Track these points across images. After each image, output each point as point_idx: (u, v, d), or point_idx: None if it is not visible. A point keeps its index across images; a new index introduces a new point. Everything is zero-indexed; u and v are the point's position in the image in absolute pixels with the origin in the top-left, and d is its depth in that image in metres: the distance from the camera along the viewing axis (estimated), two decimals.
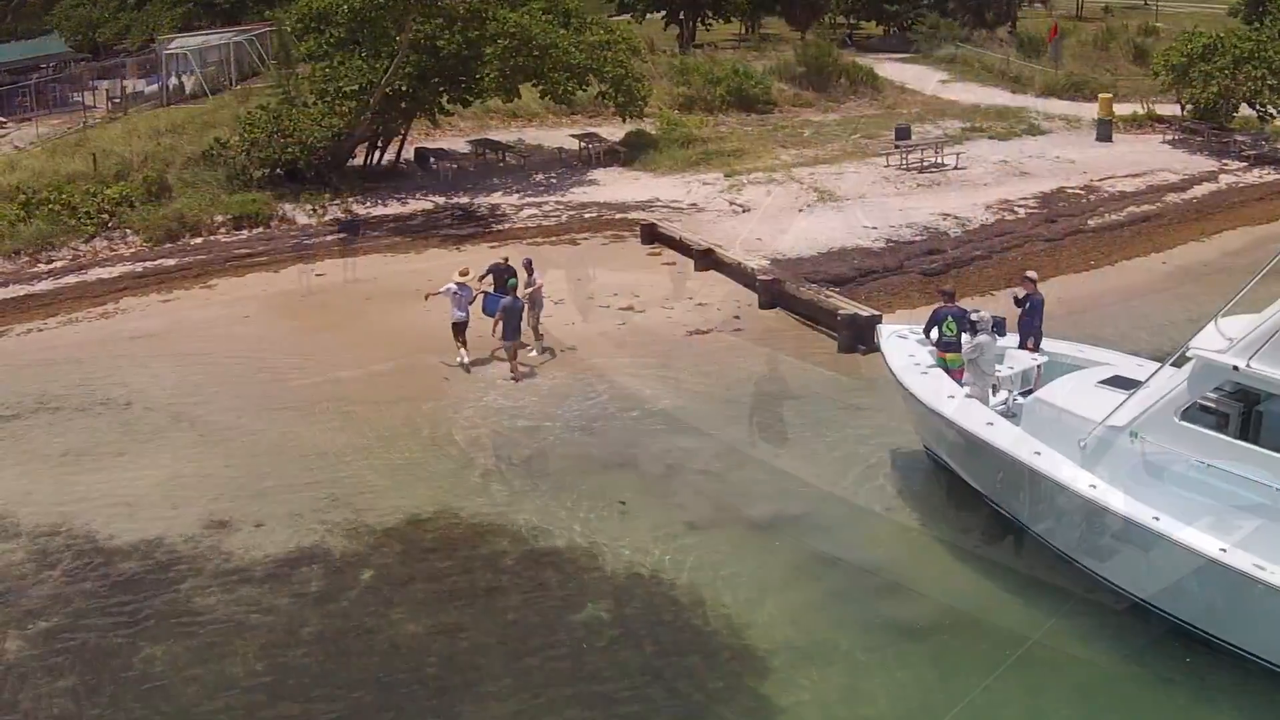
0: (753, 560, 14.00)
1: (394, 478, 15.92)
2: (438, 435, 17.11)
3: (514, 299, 18.79)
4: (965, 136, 32.90)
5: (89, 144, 30.20)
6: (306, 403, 18.21)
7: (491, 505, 15.22)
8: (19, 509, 15.49)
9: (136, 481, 16.03)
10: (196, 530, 14.74)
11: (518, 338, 18.86)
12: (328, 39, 26.12)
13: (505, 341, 18.80)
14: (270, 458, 16.58)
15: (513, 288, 19.03)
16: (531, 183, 28.51)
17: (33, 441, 17.50)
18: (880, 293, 22.50)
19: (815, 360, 19.86)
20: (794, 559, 14.16)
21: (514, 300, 18.77)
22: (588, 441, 16.92)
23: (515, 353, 18.95)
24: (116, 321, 22.19)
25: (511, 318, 18.68)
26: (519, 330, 18.85)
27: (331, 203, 26.58)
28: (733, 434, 17.14)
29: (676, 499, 15.40)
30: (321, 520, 14.88)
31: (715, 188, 27.68)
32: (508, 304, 18.72)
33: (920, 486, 15.99)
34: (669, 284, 22.73)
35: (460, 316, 19.00)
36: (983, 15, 46.40)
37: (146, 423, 17.85)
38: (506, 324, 18.64)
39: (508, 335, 18.74)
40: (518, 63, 26.30)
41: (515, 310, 18.74)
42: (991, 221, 26.66)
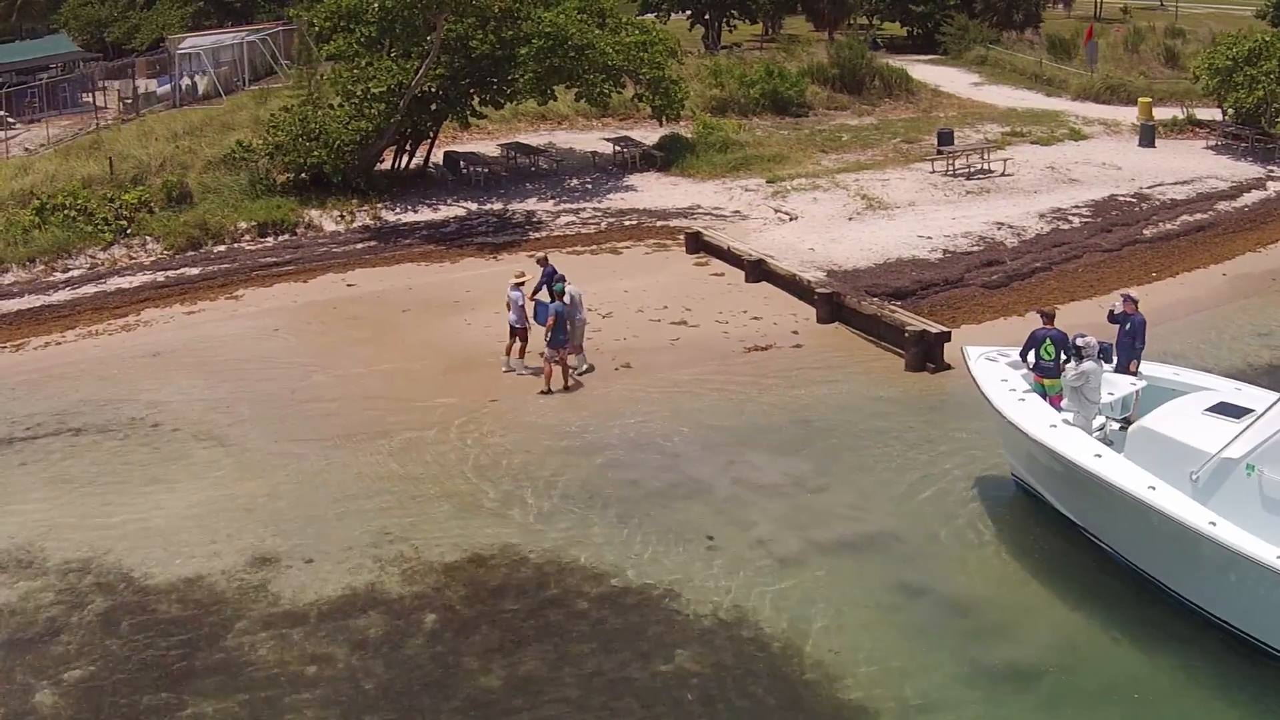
0: (842, 597, 12.96)
1: (448, 508, 14.80)
2: (491, 460, 16.00)
3: (561, 304, 17.68)
4: (1006, 141, 31.89)
5: (103, 147, 29.12)
6: (346, 424, 17.11)
7: (558, 538, 14.12)
8: (45, 542, 14.35)
9: (170, 512, 14.91)
10: (240, 567, 13.63)
11: (565, 346, 17.75)
12: (357, 38, 25.06)
13: (549, 349, 17.65)
14: (313, 485, 15.47)
15: (559, 292, 17.91)
16: (566, 188, 27.44)
17: (55, 466, 16.39)
18: (942, 306, 21.45)
19: (882, 379, 18.80)
20: (885, 596, 13.13)
21: (561, 305, 17.65)
22: (652, 466, 15.86)
23: (564, 362, 17.83)
24: (139, 335, 21.07)
25: (560, 323, 17.56)
26: (566, 339, 17.74)
27: (360, 209, 25.45)
28: (805, 458, 16.12)
29: (756, 530, 14.33)
30: (376, 557, 13.76)
31: (758, 194, 26.63)
32: (556, 308, 17.60)
33: (1009, 515, 14.99)
34: (720, 296, 21.66)
35: (513, 320, 18.02)
36: (1011, 16, 45.44)
37: (176, 446, 16.74)
38: (555, 329, 17.52)
39: (554, 342, 17.61)
40: (553, 64, 25.23)
41: (564, 316, 17.63)
42: (1047, 231, 25.66)
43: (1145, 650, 12.13)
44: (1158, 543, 13.04)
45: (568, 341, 17.73)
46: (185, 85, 38.21)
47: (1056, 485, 14.67)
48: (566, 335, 17.65)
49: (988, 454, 16.16)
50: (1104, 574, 13.54)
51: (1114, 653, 12.22)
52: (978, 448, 16.38)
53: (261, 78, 41.18)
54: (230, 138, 28.76)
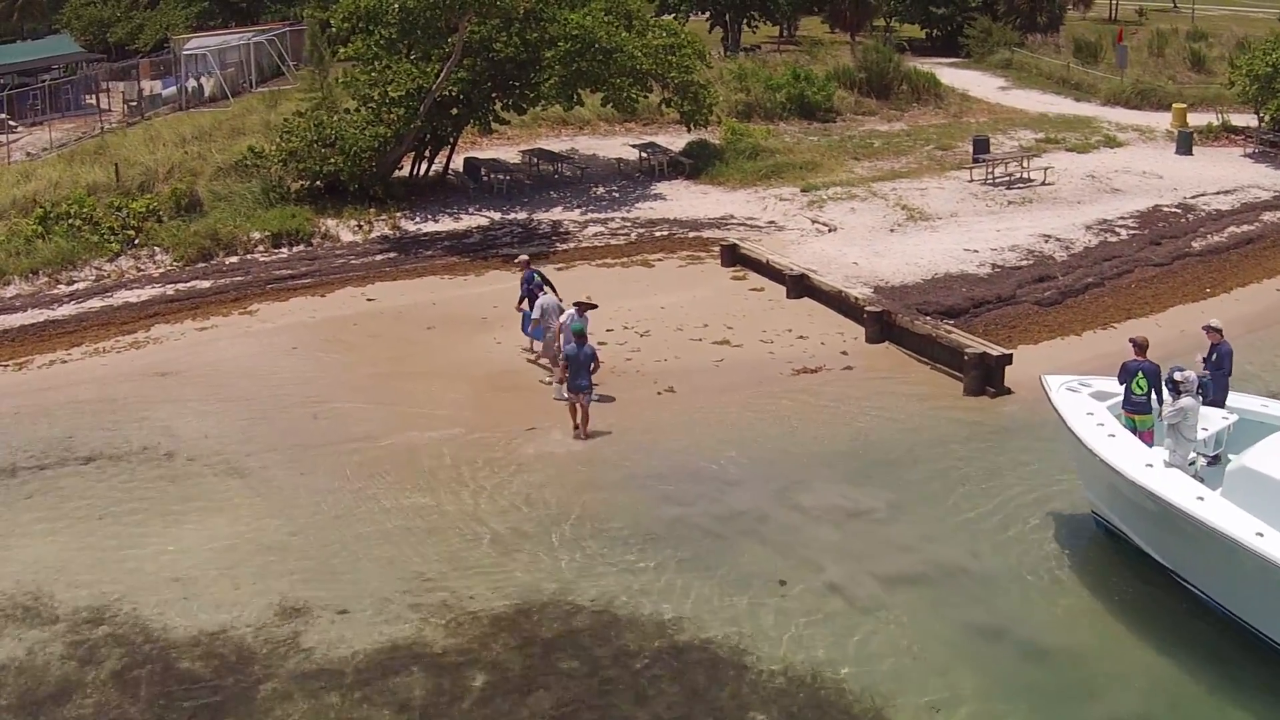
0: (923, 647, 11.95)
1: (491, 550, 13.69)
2: (532, 495, 14.89)
3: (573, 346, 15.89)
4: (1042, 149, 30.88)
5: (109, 152, 28.01)
6: (373, 454, 15.99)
7: (612, 584, 13.02)
8: (53, 586, 13.22)
9: (189, 553, 13.78)
10: (267, 618, 12.50)
11: (586, 391, 15.95)
12: (376, 40, 23.96)
13: (569, 393, 16.05)
14: (342, 523, 14.34)
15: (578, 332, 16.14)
16: (592, 197, 26.35)
17: (63, 499, 15.24)
18: (996, 326, 20.35)
19: (941, 404, 17.72)
20: (968, 646, 12.12)
21: (573, 348, 15.86)
22: (706, 500, 14.79)
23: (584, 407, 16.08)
24: (149, 353, 19.90)
25: (575, 367, 15.81)
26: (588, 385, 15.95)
27: (378, 218, 24.33)
28: (868, 489, 15.09)
29: (825, 571, 13.27)
30: (415, 606, 12.64)
31: (793, 204, 25.56)
32: (569, 351, 15.96)
33: (1089, 554, 13.98)
34: (762, 313, 20.58)
35: (570, 350, 16.63)
36: (1034, 19, 44.44)
37: (193, 478, 15.60)
38: (572, 374, 15.87)
39: (572, 386, 15.96)
40: (580, 67, 24.16)
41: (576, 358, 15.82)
42: (1095, 244, 24.61)
43: (1251, 709, 11.13)
44: (1264, 592, 12.05)
45: (590, 387, 16.09)
46: (191, 87, 37.16)
47: (1148, 527, 13.60)
48: (589, 381, 16.02)
49: (1061, 487, 15.15)
50: (1199, 621, 12.50)
51: (1217, 713, 11.25)
52: (1050, 480, 15.38)
53: (268, 79, 40.14)
54: (240, 143, 27.67)
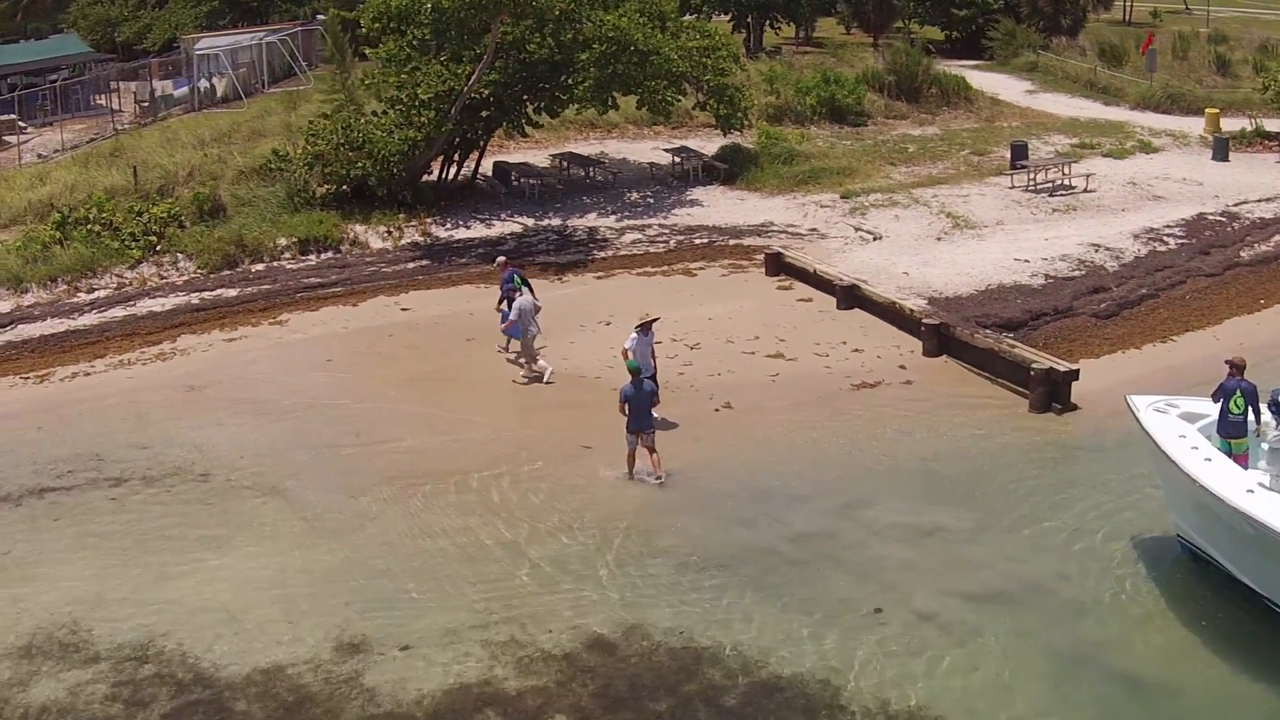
0: (1018, 679, 11.35)
1: (556, 581, 12.92)
2: (596, 519, 14.11)
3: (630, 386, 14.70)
4: (1078, 154, 30.26)
5: (125, 154, 27.17)
6: (423, 475, 15.19)
7: (690, 616, 12.27)
8: (92, 619, 12.43)
9: (235, 582, 13.00)
10: (326, 654, 11.72)
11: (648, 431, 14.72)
12: (408, 40, 23.20)
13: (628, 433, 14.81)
14: (396, 550, 13.56)
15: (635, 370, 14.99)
16: (626, 202, 25.57)
17: (96, 523, 14.46)
18: (1056, 339, 19.61)
19: (1006, 420, 17.01)
20: (1064, 676, 11.56)
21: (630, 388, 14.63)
22: (778, 522, 14.10)
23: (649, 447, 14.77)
24: (176, 365, 19.10)
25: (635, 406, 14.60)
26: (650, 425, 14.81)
27: (408, 224, 23.49)
28: (941, 509, 14.46)
29: (911, 600, 12.58)
30: (483, 642, 11.87)
31: (834, 211, 24.83)
32: (626, 391, 14.72)
33: (1176, 579, 13.37)
34: (813, 325, 19.83)
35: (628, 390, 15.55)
36: (1058, 22, 43.86)
37: (233, 501, 14.82)
38: (632, 415, 14.65)
39: (631, 426, 14.78)
40: (616, 70, 23.46)
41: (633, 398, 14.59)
42: (1144, 253, 23.93)
43: None
44: None
45: (651, 427, 14.89)
46: (203, 88, 36.36)
47: (1245, 553, 12.93)
48: (652, 421, 14.85)
49: (1140, 508, 14.54)
50: None
51: None
52: (1127, 501, 14.76)
53: (280, 80, 39.36)
54: (261, 145, 26.85)
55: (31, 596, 12.93)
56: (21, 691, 11.48)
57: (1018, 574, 13.24)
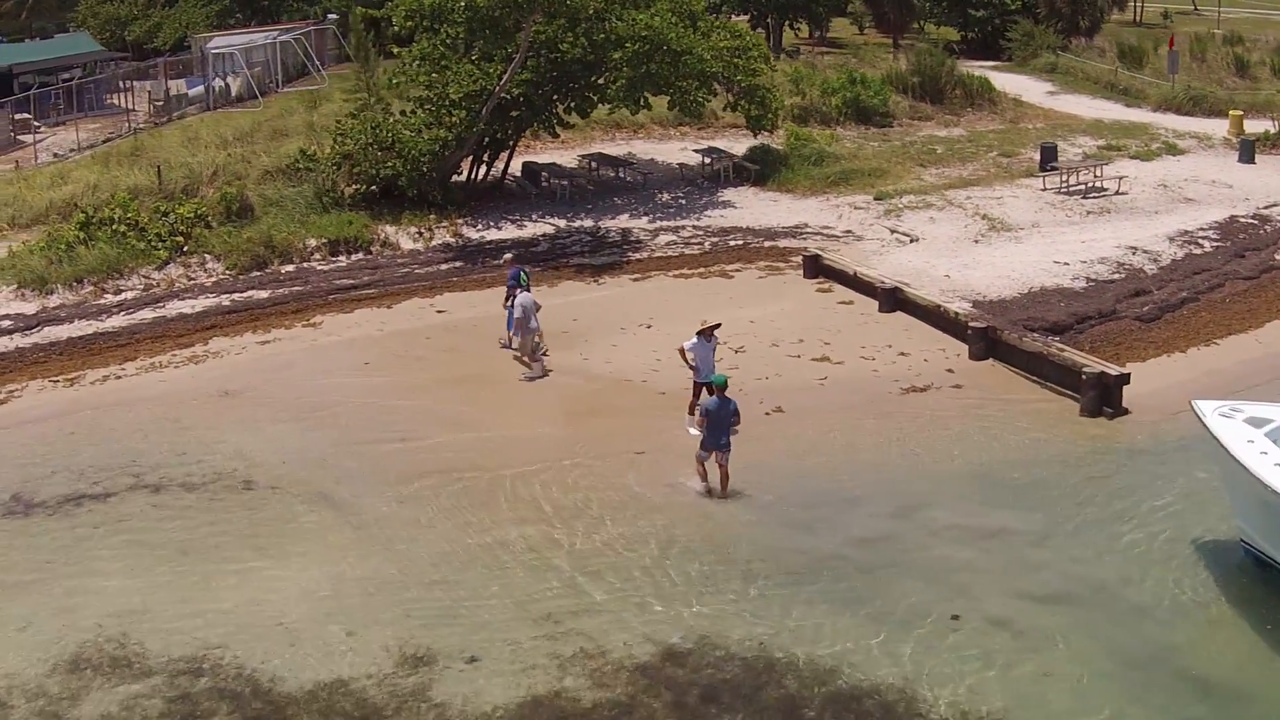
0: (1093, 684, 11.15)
1: (619, 590, 12.60)
2: (653, 526, 13.79)
3: (714, 400, 14.17)
4: (1107, 156, 30.01)
5: (146, 153, 26.78)
6: (473, 481, 14.86)
7: (759, 625, 11.99)
8: (141, 631, 12.06)
9: (287, 593, 12.65)
10: (389, 667, 11.38)
11: (726, 450, 14.22)
12: (442, 39, 22.84)
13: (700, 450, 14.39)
14: (451, 560, 13.23)
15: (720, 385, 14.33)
16: (658, 203, 25.24)
17: (137, 532, 14.07)
18: (1102, 343, 19.34)
19: (1058, 424, 16.77)
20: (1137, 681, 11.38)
21: (714, 401, 14.14)
22: (838, 527, 13.88)
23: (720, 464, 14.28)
24: (209, 368, 18.72)
25: (714, 422, 14.03)
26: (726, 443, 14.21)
27: (438, 225, 23.12)
28: (1001, 513, 14.29)
29: (981, 606, 12.35)
30: (551, 654, 11.54)
31: (869, 213, 24.53)
32: (708, 405, 14.17)
33: (1243, 584, 13.13)
34: (856, 328, 19.52)
35: (704, 377, 15.50)
36: (1076, 23, 43.66)
37: (278, 508, 14.45)
38: (709, 430, 14.11)
39: (705, 444, 14.31)
40: (649, 69, 23.15)
41: (714, 412, 14.04)
42: (1181, 256, 23.68)
43: None
44: None
45: (728, 447, 14.31)
46: (218, 87, 35.99)
47: None
48: (729, 440, 14.28)
49: (1200, 512, 14.38)
50: None
51: None
52: (1187, 504, 14.60)
53: (293, 79, 39.02)
54: (284, 145, 26.47)
55: (76, 607, 12.57)
56: (72, 706, 11.11)
57: (1084, 577, 13.12)
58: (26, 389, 18.36)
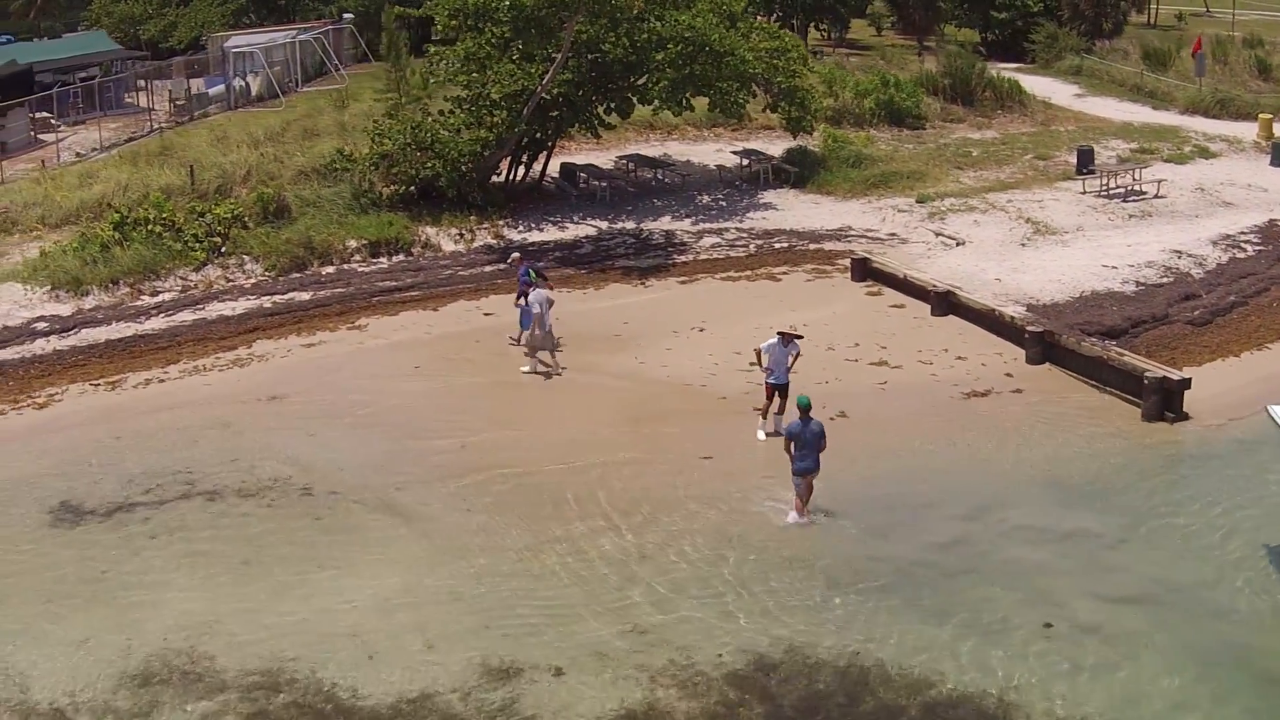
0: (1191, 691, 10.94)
1: (699, 598, 12.31)
2: (729, 533, 13.53)
3: (797, 422, 13.67)
4: (1141, 159, 29.80)
5: (174, 152, 26.43)
6: (539, 487, 14.56)
7: (846, 634, 11.75)
8: (211, 645, 11.69)
9: (360, 604, 12.29)
10: (474, 680, 11.05)
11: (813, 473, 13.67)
12: (487, 39, 22.52)
13: (795, 477, 13.76)
14: (527, 567, 12.91)
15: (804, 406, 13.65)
16: (699, 205, 24.97)
17: (196, 540, 13.70)
18: (1157, 346, 19.14)
19: (1122, 429, 16.58)
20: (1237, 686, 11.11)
21: (797, 423, 13.63)
22: (915, 533, 13.69)
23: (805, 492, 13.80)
24: (255, 371, 18.37)
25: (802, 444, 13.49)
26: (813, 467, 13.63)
27: (479, 226, 22.82)
28: (1080, 519, 14.15)
29: (1072, 613, 12.14)
30: (639, 665, 11.24)
31: (912, 216, 24.28)
32: (792, 428, 13.72)
33: None
34: (911, 332, 19.29)
35: (777, 380, 15.43)
36: (1100, 25, 43.49)
37: (341, 516, 14.10)
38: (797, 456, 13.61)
39: (799, 465, 13.67)
40: (693, 70, 22.89)
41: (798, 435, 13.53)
42: (1225, 260, 23.47)
43: None
44: None
45: (816, 470, 13.75)
46: (238, 86, 35.66)
47: None
48: (816, 461, 13.68)
49: (1272, 516, 14.15)
50: None
51: None
52: (1261, 509, 14.41)
53: (312, 79, 38.70)
54: (315, 144, 26.14)
55: (140, 620, 12.17)
56: None
57: (1162, 579, 13.02)
58: (67, 393, 17.97)
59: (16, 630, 12.03)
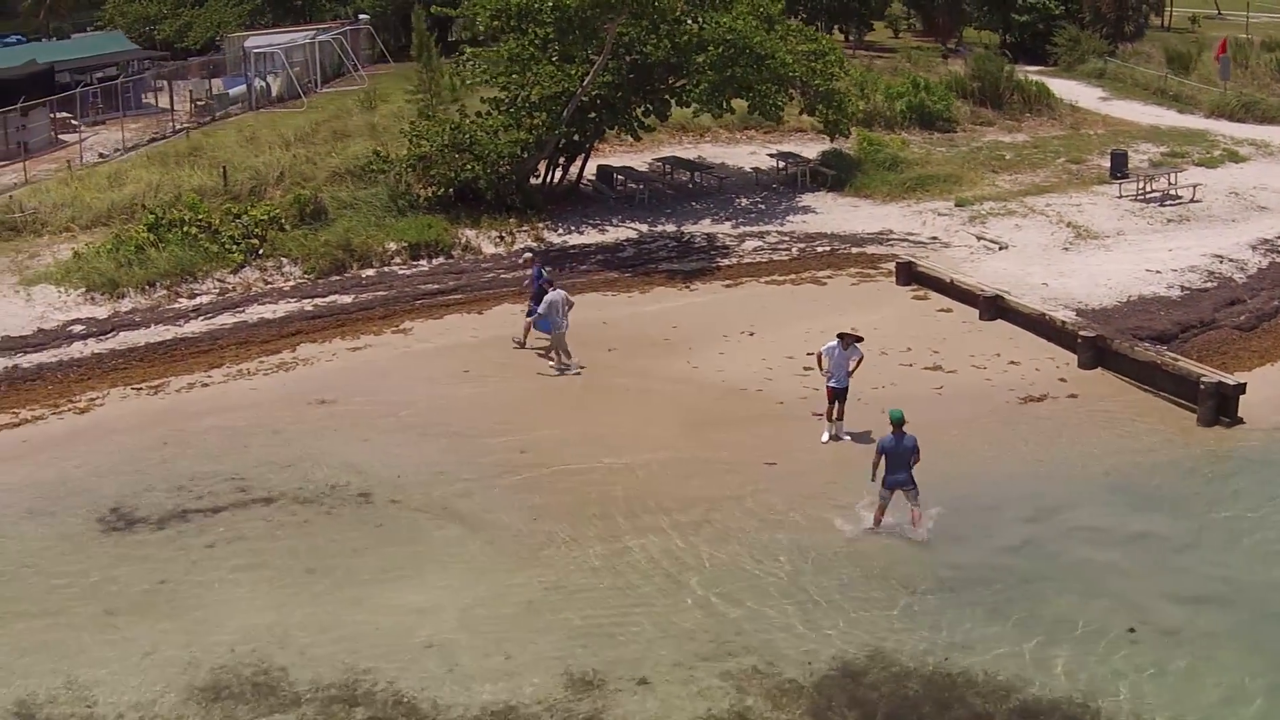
0: None
1: (780, 607, 12.14)
2: (801, 539, 13.33)
3: (889, 437, 13.43)
4: (1173, 163, 29.70)
5: (203, 153, 26.20)
6: (603, 494, 14.36)
7: (929, 640, 11.64)
8: (280, 655, 11.48)
9: (433, 614, 12.09)
10: (557, 691, 10.88)
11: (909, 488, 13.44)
12: (530, 40, 22.33)
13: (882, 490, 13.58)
14: (598, 576, 12.73)
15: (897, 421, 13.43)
16: (738, 208, 24.78)
17: (256, 548, 13.49)
18: (1208, 351, 19.02)
19: (1178, 434, 16.47)
20: None
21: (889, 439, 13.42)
22: (988, 538, 13.55)
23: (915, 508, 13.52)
24: (300, 376, 18.14)
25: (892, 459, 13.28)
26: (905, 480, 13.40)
27: (519, 229, 22.61)
28: (1148, 523, 14.09)
29: (1154, 618, 12.02)
30: (722, 673, 11.07)
31: (953, 219, 24.13)
32: (885, 444, 13.46)
33: None
34: (962, 337, 19.08)
35: (837, 383, 15.30)
36: (1121, 28, 43.40)
37: (404, 523, 13.89)
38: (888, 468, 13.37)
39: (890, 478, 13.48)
40: (734, 73, 22.72)
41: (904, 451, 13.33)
42: (1266, 265, 23.29)
43: None
44: None
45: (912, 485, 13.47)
46: (260, 86, 35.42)
47: None
48: (908, 475, 13.45)
49: None
50: None
51: None
52: None
53: (330, 79, 38.48)
54: (346, 146, 25.92)
55: (203, 632, 11.93)
56: None
57: (1232, 580, 13.03)
58: (108, 397, 17.73)
59: (78, 642, 11.77)
